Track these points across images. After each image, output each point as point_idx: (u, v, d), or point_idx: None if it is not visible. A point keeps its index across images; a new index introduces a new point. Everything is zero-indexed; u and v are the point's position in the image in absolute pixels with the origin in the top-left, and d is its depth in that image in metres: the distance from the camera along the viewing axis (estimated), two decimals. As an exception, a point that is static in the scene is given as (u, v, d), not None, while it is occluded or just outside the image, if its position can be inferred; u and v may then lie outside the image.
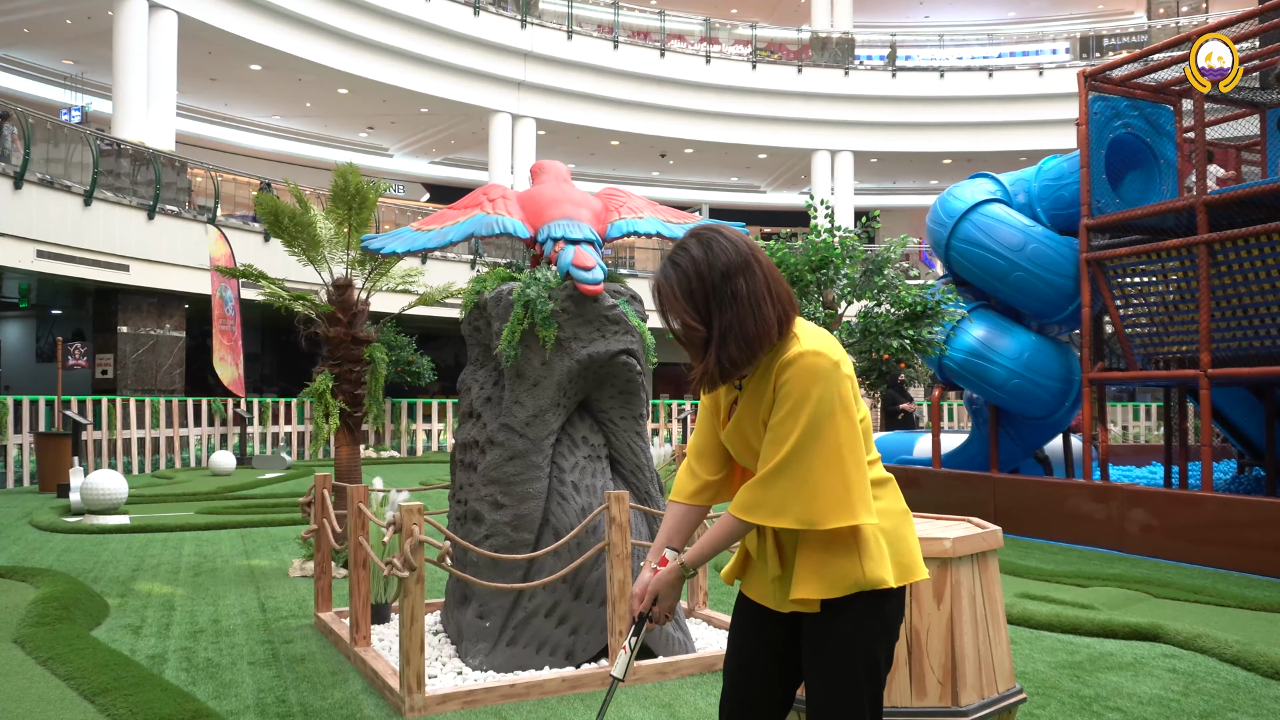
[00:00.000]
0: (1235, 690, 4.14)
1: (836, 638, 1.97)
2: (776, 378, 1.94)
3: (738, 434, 2.04)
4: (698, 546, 2.06)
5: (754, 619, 2.13)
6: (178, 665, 4.56)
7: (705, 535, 2.05)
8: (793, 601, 1.98)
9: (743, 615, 2.16)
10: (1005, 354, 9.80)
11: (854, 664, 1.96)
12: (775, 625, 2.09)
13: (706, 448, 2.15)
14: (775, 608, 2.07)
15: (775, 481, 1.92)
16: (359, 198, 6.78)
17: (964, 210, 10.10)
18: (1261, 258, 7.96)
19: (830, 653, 1.97)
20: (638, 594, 2.09)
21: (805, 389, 1.90)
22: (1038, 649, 4.84)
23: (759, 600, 2.11)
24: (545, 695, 4.10)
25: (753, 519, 1.96)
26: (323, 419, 6.82)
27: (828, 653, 1.97)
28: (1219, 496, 7.93)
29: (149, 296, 17.75)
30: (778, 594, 2.05)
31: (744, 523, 1.98)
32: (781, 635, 2.09)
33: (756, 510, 1.95)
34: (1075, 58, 30.07)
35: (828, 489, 1.89)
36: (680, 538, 2.13)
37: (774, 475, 1.91)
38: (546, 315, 4.49)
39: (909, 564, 2.01)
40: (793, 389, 1.91)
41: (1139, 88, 9.57)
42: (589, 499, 4.61)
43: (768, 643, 2.11)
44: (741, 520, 1.98)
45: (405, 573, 3.82)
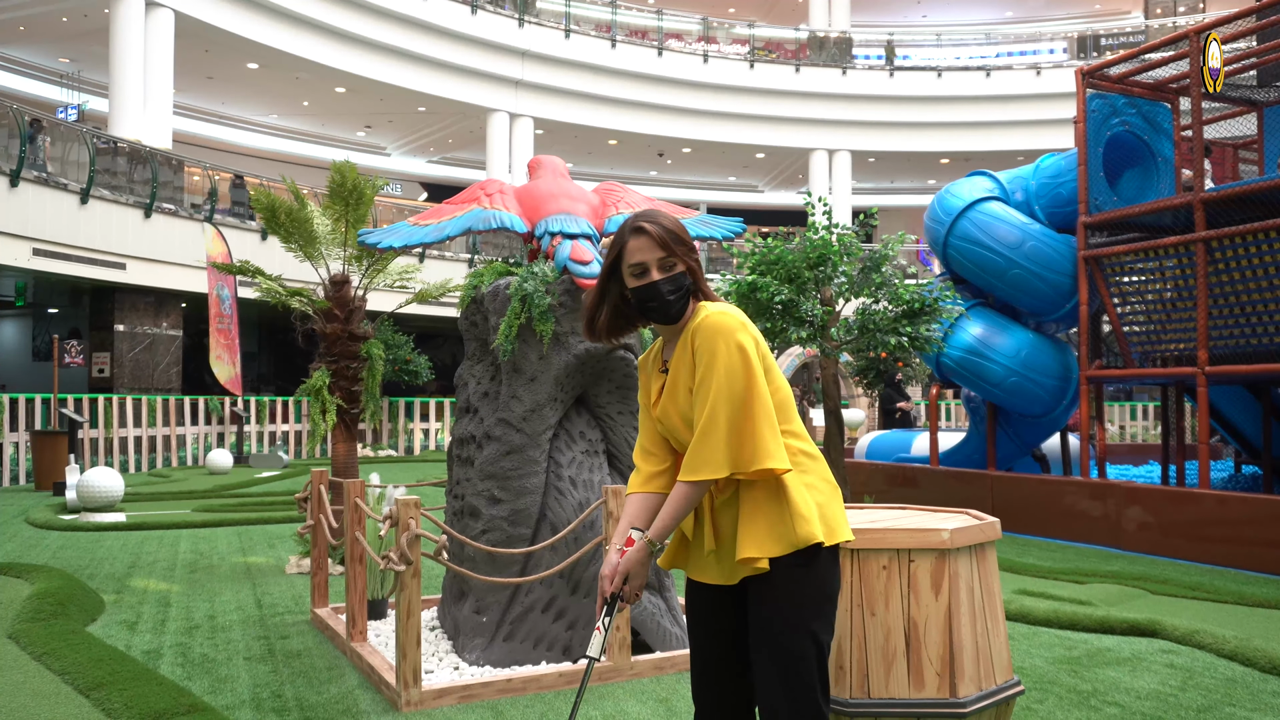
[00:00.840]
0: (1233, 685, 4.14)
1: (780, 597, 2.12)
2: (692, 343, 2.16)
3: (672, 409, 2.21)
4: (659, 519, 2.16)
5: (704, 601, 2.27)
6: (173, 661, 4.55)
7: (663, 509, 2.18)
8: (740, 563, 2.12)
9: (694, 601, 2.30)
10: (1003, 352, 9.79)
11: (800, 624, 2.11)
12: (725, 603, 2.24)
13: (649, 444, 2.32)
14: (721, 581, 2.20)
15: (708, 436, 2.08)
16: (356, 194, 6.77)
17: (962, 208, 10.09)
18: (1259, 255, 7.97)
19: (776, 613, 2.12)
20: (607, 575, 2.18)
21: (714, 343, 2.12)
22: (1036, 645, 4.83)
23: (703, 579, 2.24)
24: (542, 690, 4.09)
25: (700, 476, 2.10)
26: (320, 416, 6.80)
27: (774, 613, 2.12)
28: (1216, 494, 7.93)
29: (145, 295, 17.72)
30: (719, 566, 2.20)
31: (694, 485, 2.12)
32: (731, 611, 2.23)
33: (701, 468, 2.10)
34: (1072, 57, 30.08)
35: (750, 434, 2.08)
36: (643, 521, 2.24)
37: (706, 431, 2.09)
38: (544, 310, 4.48)
39: (836, 526, 2.18)
40: (704, 346, 2.13)
41: (1137, 85, 9.57)
42: (586, 494, 4.60)
43: (722, 622, 2.24)
44: (691, 483, 2.12)
45: (402, 567, 3.80)
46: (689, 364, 2.17)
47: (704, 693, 2.27)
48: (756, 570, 2.12)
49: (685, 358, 2.19)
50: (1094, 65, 9.49)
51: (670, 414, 2.22)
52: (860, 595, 2.60)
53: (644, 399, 2.35)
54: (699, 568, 2.26)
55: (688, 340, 2.18)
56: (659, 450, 2.31)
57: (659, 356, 2.32)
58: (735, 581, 2.19)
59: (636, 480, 2.31)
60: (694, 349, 2.15)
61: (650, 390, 2.31)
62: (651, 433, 2.32)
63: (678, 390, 2.20)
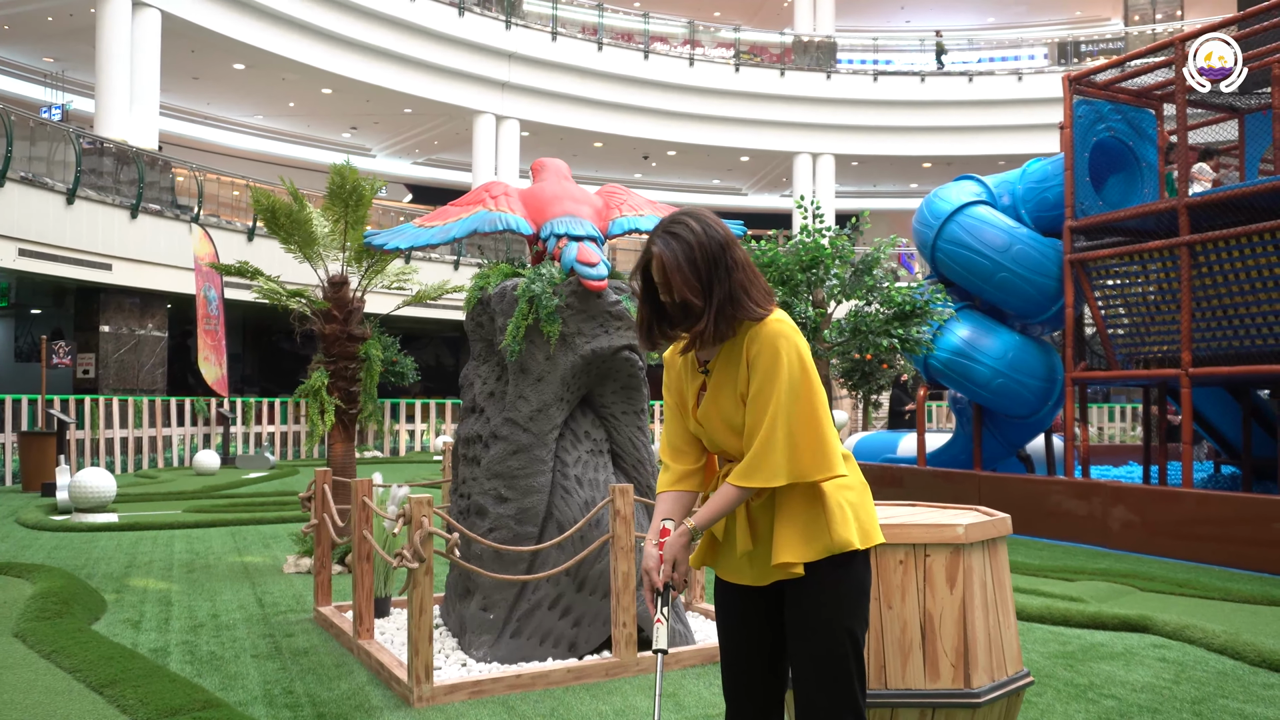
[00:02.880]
0: (1225, 678, 4.25)
1: (818, 599, 2.13)
2: (747, 350, 2.12)
3: (714, 412, 2.19)
4: (703, 511, 2.17)
5: (735, 601, 2.27)
6: (181, 658, 4.58)
7: (708, 503, 2.18)
8: (776, 568, 2.13)
9: (725, 601, 2.31)
10: (989, 353, 9.93)
11: (837, 623, 2.13)
12: (756, 602, 2.24)
13: (681, 442, 2.30)
14: (753, 582, 2.22)
15: (770, 446, 2.07)
16: (355, 195, 6.81)
17: (950, 212, 10.22)
18: (1241, 259, 8.12)
19: (814, 613, 2.13)
20: (653, 567, 2.18)
21: (775, 353, 2.09)
22: (1030, 640, 4.93)
23: (735, 580, 2.26)
24: (551, 685, 4.15)
25: (753, 483, 2.10)
26: (318, 416, 6.84)
27: (812, 613, 2.13)
28: (1198, 493, 8.08)
29: (131, 296, 17.64)
30: (752, 568, 2.21)
31: (743, 489, 2.13)
32: (762, 609, 2.24)
33: (755, 475, 2.10)
34: (1053, 63, 30.38)
35: (810, 445, 2.09)
36: (677, 516, 2.25)
37: (768, 441, 2.08)
38: (551, 311, 4.54)
39: (870, 529, 2.19)
40: (764, 356, 2.09)
41: (1122, 92, 9.73)
42: (592, 493, 4.67)
43: (753, 621, 2.25)
44: (740, 487, 2.12)
45: (415, 564, 3.86)
46: (742, 373, 2.14)
47: (735, 688, 2.28)
48: (792, 575, 2.13)
49: (734, 362, 2.16)
50: (1081, 72, 9.65)
51: (712, 417, 2.20)
52: (877, 589, 2.68)
53: (673, 398, 2.31)
54: (731, 569, 2.26)
55: (741, 346, 2.14)
56: (691, 449, 2.29)
57: (692, 357, 2.27)
58: (767, 584, 2.21)
59: (667, 478, 2.29)
60: (749, 356, 2.12)
61: (684, 391, 2.28)
62: (683, 431, 2.29)
63: (722, 394, 2.18)
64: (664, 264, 2.14)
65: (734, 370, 2.16)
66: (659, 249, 2.16)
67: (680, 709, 3.84)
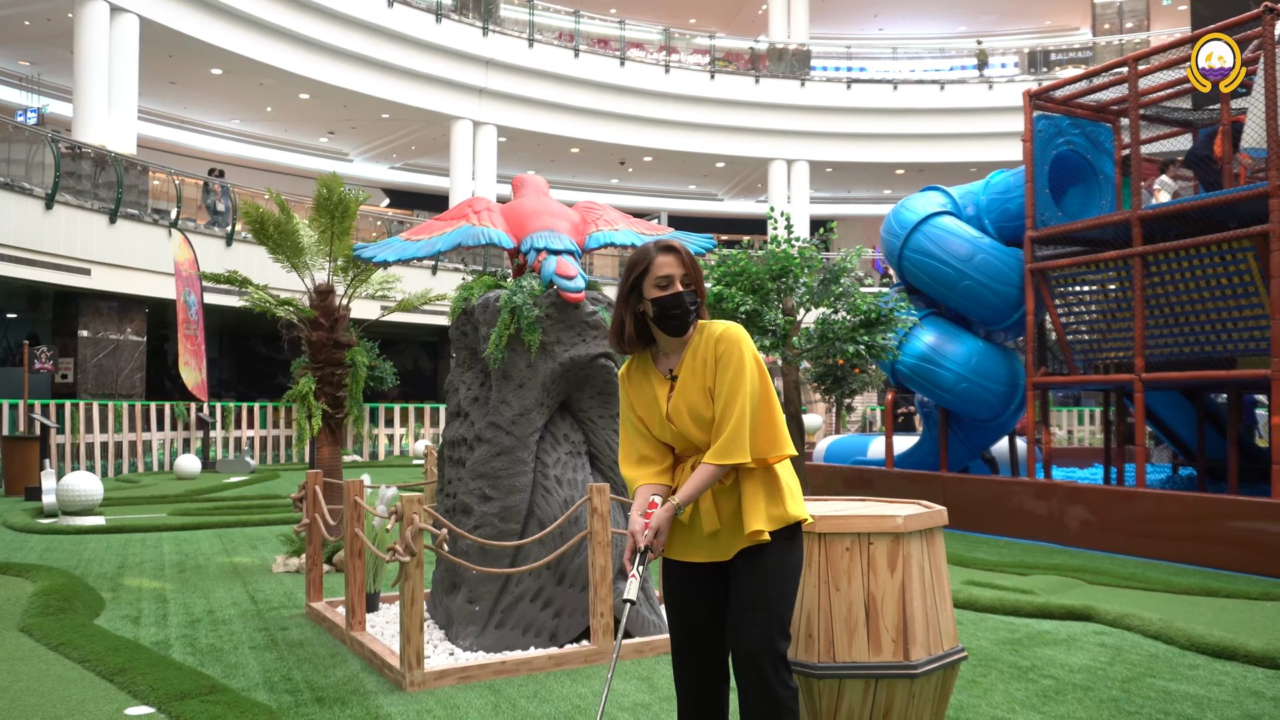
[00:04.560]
0: (1155, 660, 4.60)
1: (779, 557, 2.55)
2: (716, 349, 2.56)
3: (683, 408, 2.58)
4: (683, 490, 2.55)
5: (692, 578, 2.64)
6: (183, 650, 4.84)
7: (688, 483, 2.56)
8: (748, 536, 2.52)
9: (682, 580, 2.66)
10: (954, 359, 10.29)
11: (789, 579, 2.57)
12: (711, 576, 2.62)
13: (649, 450, 2.69)
14: (713, 558, 2.60)
15: (739, 429, 2.49)
16: (341, 207, 7.07)
17: (916, 222, 10.59)
18: (1191, 269, 8.52)
19: (774, 568, 2.54)
20: (637, 530, 2.55)
21: (740, 352, 2.54)
22: (982, 629, 5.27)
23: (694, 558, 2.62)
24: (534, 671, 4.45)
25: (729, 460, 2.50)
26: (305, 420, 7.09)
27: (769, 565, 2.54)
28: (1151, 493, 8.47)
29: (109, 300, 17.75)
30: (714, 545, 2.59)
31: (719, 466, 2.52)
32: (712, 585, 2.63)
33: (729, 454, 2.50)
34: (1023, 72, 30.96)
35: (769, 428, 2.55)
36: (660, 495, 2.63)
37: (737, 425, 2.50)
38: (532, 321, 4.83)
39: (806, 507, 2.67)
40: (731, 354, 2.54)
41: (1080, 107, 10.13)
42: (570, 491, 4.96)
43: (707, 597, 2.63)
44: (719, 465, 2.52)
45: (407, 558, 4.14)
46: (705, 368, 2.56)
47: (685, 665, 2.64)
48: (759, 541, 2.52)
49: (699, 363, 2.57)
50: (1040, 88, 10.03)
51: (682, 412, 2.58)
52: (826, 573, 3.00)
53: (633, 411, 2.70)
54: (692, 548, 2.62)
55: (702, 349, 2.58)
56: (658, 455, 2.68)
57: (653, 369, 2.67)
58: (729, 557, 2.58)
59: (643, 474, 2.67)
60: (716, 355, 2.55)
61: (652, 397, 2.65)
62: (649, 440, 2.68)
63: (689, 392, 2.57)
64: (686, 260, 2.62)
65: (699, 369, 2.57)
66: (680, 248, 2.64)
67: (653, 690, 4.15)
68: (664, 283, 2.58)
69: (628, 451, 2.72)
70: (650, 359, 2.70)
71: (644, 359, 2.70)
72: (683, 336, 2.61)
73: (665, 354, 2.67)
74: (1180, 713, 3.84)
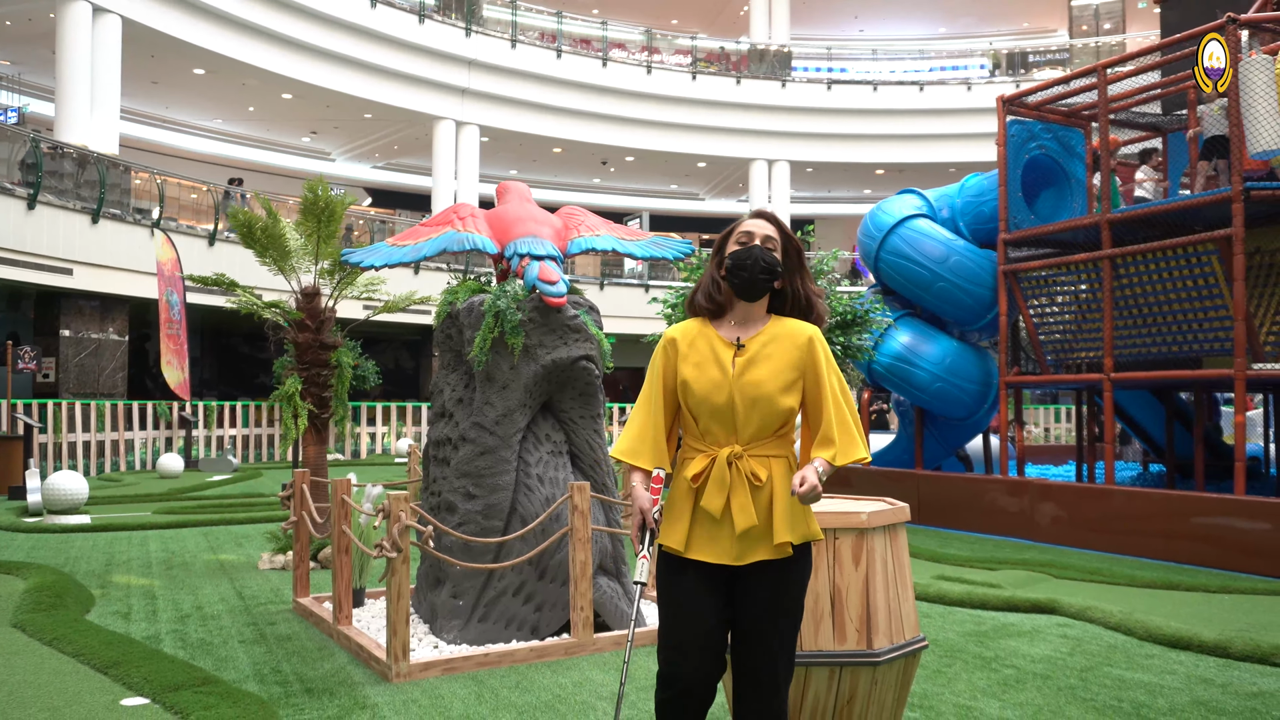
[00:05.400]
0: (1113, 650, 4.80)
1: (797, 576, 2.52)
2: (811, 337, 2.55)
3: (751, 380, 2.50)
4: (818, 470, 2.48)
5: (705, 578, 2.51)
6: (174, 644, 4.97)
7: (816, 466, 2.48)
8: (776, 547, 2.47)
9: (694, 580, 2.52)
10: (929, 359, 10.50)
11: (801, 598, 2.54)
12: (724, 581, 2.53)
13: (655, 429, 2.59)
14: (733, 561, 2.49)
15: (849, 425, 2.53)
16: (328, 211, 7.20)
17: (891, 224, 10.79)
18: (1158, 271, 8.75)
19: (792, 588, 2.51)
20: (648, 508, 2.52)
21: (830, 356, 2.56)
22: (950, 621, 5.46)
23: (712, 558, 2.50)
24: (516, 663, 4.60)
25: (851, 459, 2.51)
26: (292, 420, 7.22)
27: (790, 587, 2.50)
28: (1118, 489, 8.69)
29: (91, 300, 17.76)
30: (739, 546, 2.48)
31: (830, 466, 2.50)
32: (726, 587, 2.54)
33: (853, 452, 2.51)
34: (1002, 73, 31.26)
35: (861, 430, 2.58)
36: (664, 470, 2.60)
37: (846, 421, 2.52)
38: (515, 324, 4.98)
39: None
40: (827, 354, 2.55)
41: (1052, 112, 10.36)
42: (552, 490, 5.12)
43: (721, 596, 2.52)
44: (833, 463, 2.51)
45: (394, 553, 4.29)
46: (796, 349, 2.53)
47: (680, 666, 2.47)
48: (782, 554, 2.47)
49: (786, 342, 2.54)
50: (1014, 94, 10.25)
51: (746, 385, 2.49)
52: (794, 566, 3.17)
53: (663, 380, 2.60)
54: (713, 547, 2.50)
55: (793, 329, 2.56)
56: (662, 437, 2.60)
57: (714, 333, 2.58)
58: (747, 562, 2.49)
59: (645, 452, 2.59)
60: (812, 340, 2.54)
61: (710, 358, 2.54)
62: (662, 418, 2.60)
63: (760, 367, 2.51)
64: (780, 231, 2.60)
65: (785, 347, 2.54)
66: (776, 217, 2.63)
67: (631, 679, 4.31)
68: (744, 239, 2.56)
69: (639, 427, 2.61)
70: (711, 326, 2.61)
71: (703, 323, 2.62)
72: (753, 300, 2.56)
73: (737, 324, 2.60)
74: (1133, 699, 4.03)
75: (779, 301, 2.63)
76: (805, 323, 2.59)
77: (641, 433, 2.60)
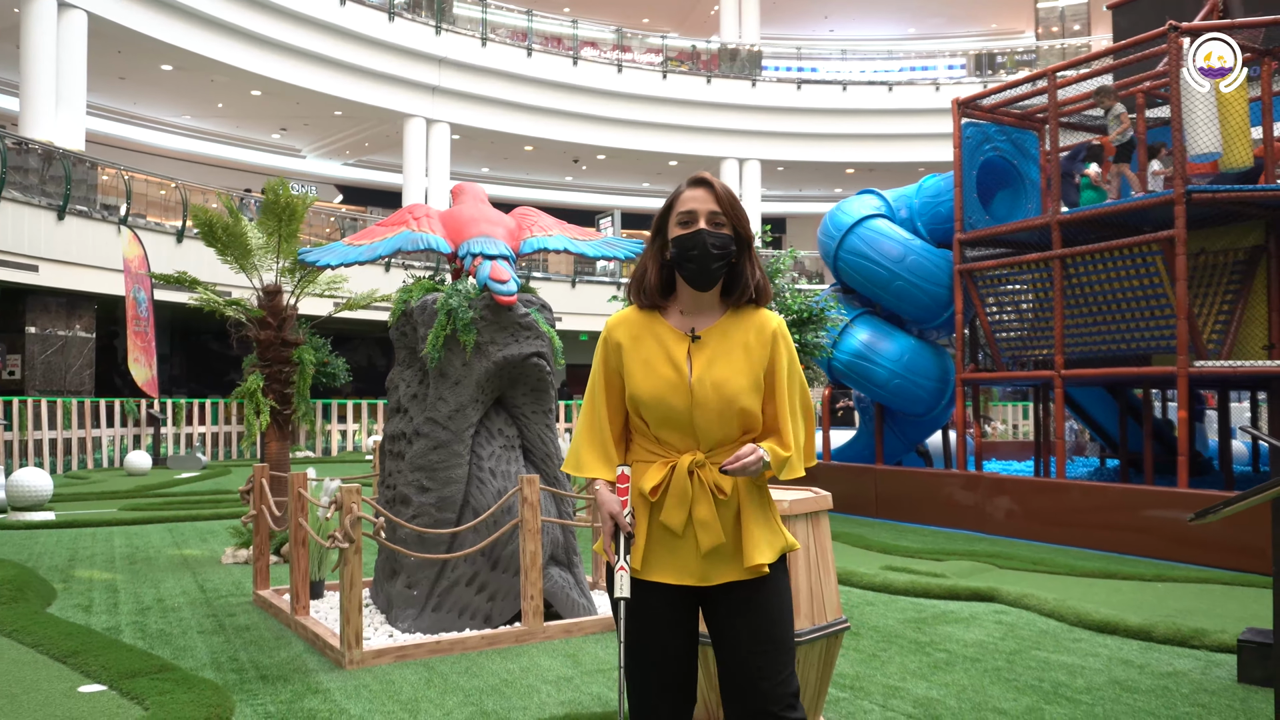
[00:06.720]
0: (1044, 635, 5.00)
1: (778, 593, 2.21)
2: (774, 334, 2.23)
3: (712, 382, 2.16)
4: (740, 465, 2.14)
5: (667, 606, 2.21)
6: (133, 635, 5.07)
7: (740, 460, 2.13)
8: (750, 569, 2.16)
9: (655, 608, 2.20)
10: (887, 356, 10.71)
11: (787, 613, 2.23)
12: (688, 604, 2.23)
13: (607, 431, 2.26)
14: (699, 582, 2.18)
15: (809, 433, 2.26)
16: (288, 211, 7.30)
17: (850, 224, 11.00)
18: (1106, 271, 8.98)
19: (781, 610, 2.20)
20: (618, 511, 2.17)
21: (793, 351, 2.25)
22: (892, 609, 5.65)
23: (676, 580, 2.19)
24: (467, 650, 4.75)
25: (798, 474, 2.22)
26: (254, 416, 7.31)
27: (771, 608, 2.19)
28: (1069, 483, 8.93)
29: (58, 297, 17.70)
30: (704, 566, 2.18)
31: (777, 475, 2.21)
32: (689, 611, 2.24)
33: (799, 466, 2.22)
34: (970, 74, 31.64)
35: (811, 437, 2.29)
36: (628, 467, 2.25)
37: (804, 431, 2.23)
38: (467, 322, 5.12)
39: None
40: (790, 349, 2.24)
41: (1006, 114, 10.59)
42: (504, 483, 5.26)
43: (684, 624, 2.23)
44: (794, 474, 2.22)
45: (346, 544, 4.42)
46: (756, 348, 2.21)
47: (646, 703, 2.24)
48: (757, 574, 2.17)
49: (751, 336, 2.22)
50: (969, 97, 10.47)
51: (706, 385, 2.17)
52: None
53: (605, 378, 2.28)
54: (676, 568, 2.20)
55: (756, 325, 2.23)
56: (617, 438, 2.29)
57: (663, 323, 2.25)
58: (712, 583, 2.19)
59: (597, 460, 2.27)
60: (774, 339, 2.23)
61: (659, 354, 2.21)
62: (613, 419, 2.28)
63: (719, 365, 2.18)
64: (721, 196, 2.21)
65: (750, 343, 2.22)
66: (714, 182, 2.22)
67: (578, 665, 4.46)
68: (686, 219, 2.20)
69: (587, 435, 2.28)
70: (659, 314, 2.28)
71: (649, 312, 2.27)
72: (707, 290, 2.23)
73: (687, 313, 2.27)
74: (1053, 679, 4.23)
75: (731, 281, 2.26)
76: (768, 312, 2.27)
77: (590, 441, 2.28)
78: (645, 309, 2.28)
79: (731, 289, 2.25)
